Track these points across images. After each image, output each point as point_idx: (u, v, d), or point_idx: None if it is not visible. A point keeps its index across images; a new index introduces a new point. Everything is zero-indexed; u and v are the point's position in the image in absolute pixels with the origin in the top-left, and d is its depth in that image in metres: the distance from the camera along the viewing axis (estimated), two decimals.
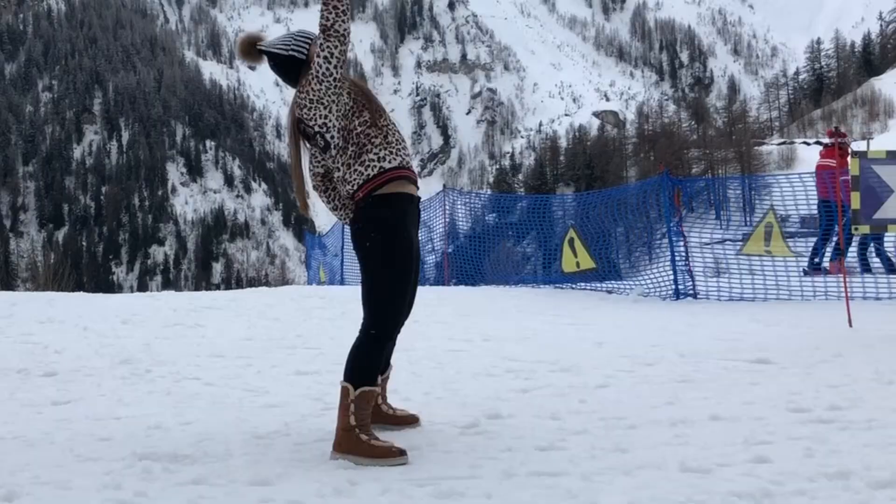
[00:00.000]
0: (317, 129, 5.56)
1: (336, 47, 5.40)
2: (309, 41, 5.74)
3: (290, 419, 6.48)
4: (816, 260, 17.87)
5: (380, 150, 5.50)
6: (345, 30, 5.42)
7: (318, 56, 5.43)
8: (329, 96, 5.47)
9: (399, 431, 5.91)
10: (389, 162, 5.49)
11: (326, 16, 5.40)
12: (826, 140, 20.06)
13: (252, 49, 5.87)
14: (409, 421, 6.13)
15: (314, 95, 5.49)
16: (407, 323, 5.74)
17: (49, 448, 5.71)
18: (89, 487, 4.77)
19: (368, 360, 5.47)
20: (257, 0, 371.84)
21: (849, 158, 17.37)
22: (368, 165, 5.48)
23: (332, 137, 5.56)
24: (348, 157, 5.55)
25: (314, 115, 5.53)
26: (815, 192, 17.51)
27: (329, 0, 5.38)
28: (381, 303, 5.47)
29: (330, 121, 5.52)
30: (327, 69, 5.42)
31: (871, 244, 17.56)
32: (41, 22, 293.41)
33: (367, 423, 5.31)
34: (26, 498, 4.60)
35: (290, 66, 5.73)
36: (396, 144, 5.58)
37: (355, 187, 5.51)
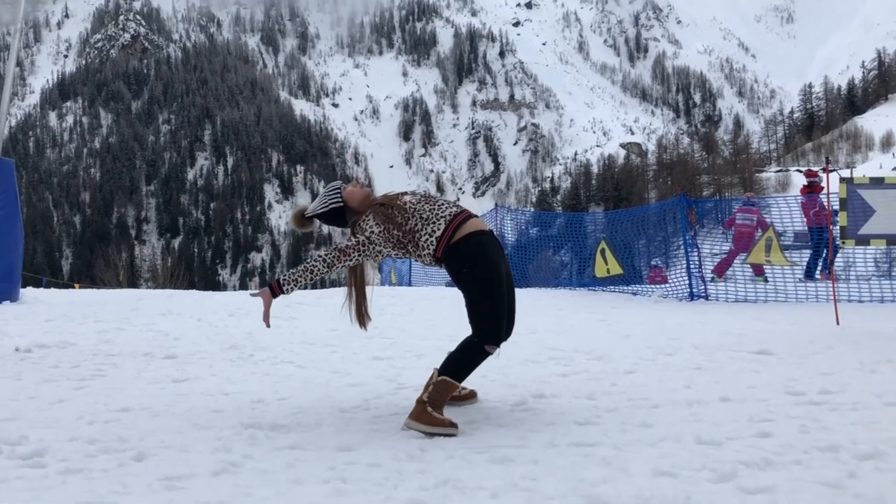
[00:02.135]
0: (382, 259, 5.72)
1: (344, 264, 5.58)
2: (338, 189, 5.79)
3: (369, 396, 6.51)
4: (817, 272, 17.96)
5: (423, 230, 5.50)
6: (329, 267, 5.58)
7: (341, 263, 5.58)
8: (371, 256, 5.58)
9: (461, 407, 5.91)
10: (437, 230, 5.49)
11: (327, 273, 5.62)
12: (805, 180, 20.22)
13: (303, 219, 5.92)
14: (469, 396, 6.13)
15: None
16: (463, 319, 5.72)
17: (171, 418, 5.76)
18: (204, 451, 4.82)
19: (466, 362, 5.45)
20: (340, 49, 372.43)
21: (822, 192, 17.77)
22: (428, 247, 5.50)
23: (395, 253, 5.68)
24: (415, 252, 5.59)
25: (375, 260, 5.67)
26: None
27: (311, 280, 5.58)
28: (482, 318, 5.44)
29: (382, 253, 5.61)
30: (355, 261, 5.59)
31: None
32: (161, 66, 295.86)
33: (438, 403, 5.27)
34: (153, 459, 4.65)
35: (336, 215, 5.77)
36: (430, 214, 5.54)
37: (434, 259, 5.56)
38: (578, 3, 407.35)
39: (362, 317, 5.81)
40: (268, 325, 5.66)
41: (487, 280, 5.43)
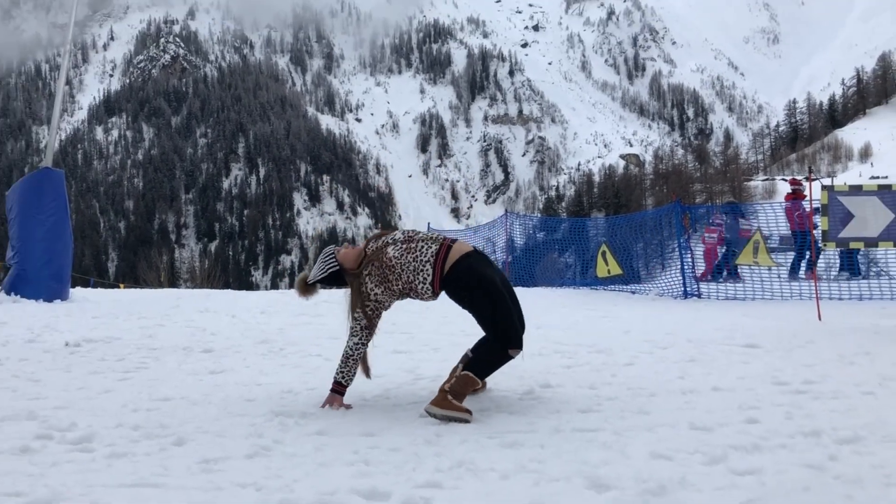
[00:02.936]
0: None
1: (374, 332, 5.82)
2: (333, 254, 5.89)
3: (390, 386, 6.52)
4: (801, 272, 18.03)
5: (416, 279, 5.58)
6: (368, 345, 5.82)
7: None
8: (385, 309, 5.77)
9: (474, 396, 5.91)
10: (428, 276, 5.56)
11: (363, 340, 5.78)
12: (789, 188, 20.42)
13: (307, 286, 6.05)
14: (480, 388, 6.12)
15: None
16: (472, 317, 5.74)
17: (208, 406, 5.79)
18: (238, 436, 4.84)
19: (489, 363, 5.48)
20: (362, 69, 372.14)
21: (805, 199, 17.85)
22: (426, 292, 5.61)
23: (402, 299, 5.88)
24: (416, 297, 5.74)
25: (388, 309, 5.83)
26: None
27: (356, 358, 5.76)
28: (498, 327, 5.48)
29: (392, 305, 5.82)
30: (377, 324, 5.79)
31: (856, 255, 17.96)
32: (199, 84, 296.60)
33: (459, 395, 5.26)
34: (192, 443, 4.68)
35: (335, 278, 5.87)
36: (416, 264, 5.60)
37: (434, 295, 5.67)
38: (581, 25, 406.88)
39: (367, 369, 5.87)
40: (349, 406, 5.73)
41: (488, 293, 5.49)
